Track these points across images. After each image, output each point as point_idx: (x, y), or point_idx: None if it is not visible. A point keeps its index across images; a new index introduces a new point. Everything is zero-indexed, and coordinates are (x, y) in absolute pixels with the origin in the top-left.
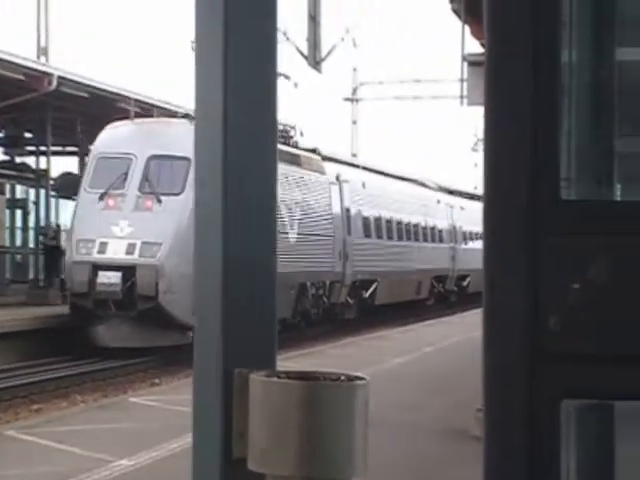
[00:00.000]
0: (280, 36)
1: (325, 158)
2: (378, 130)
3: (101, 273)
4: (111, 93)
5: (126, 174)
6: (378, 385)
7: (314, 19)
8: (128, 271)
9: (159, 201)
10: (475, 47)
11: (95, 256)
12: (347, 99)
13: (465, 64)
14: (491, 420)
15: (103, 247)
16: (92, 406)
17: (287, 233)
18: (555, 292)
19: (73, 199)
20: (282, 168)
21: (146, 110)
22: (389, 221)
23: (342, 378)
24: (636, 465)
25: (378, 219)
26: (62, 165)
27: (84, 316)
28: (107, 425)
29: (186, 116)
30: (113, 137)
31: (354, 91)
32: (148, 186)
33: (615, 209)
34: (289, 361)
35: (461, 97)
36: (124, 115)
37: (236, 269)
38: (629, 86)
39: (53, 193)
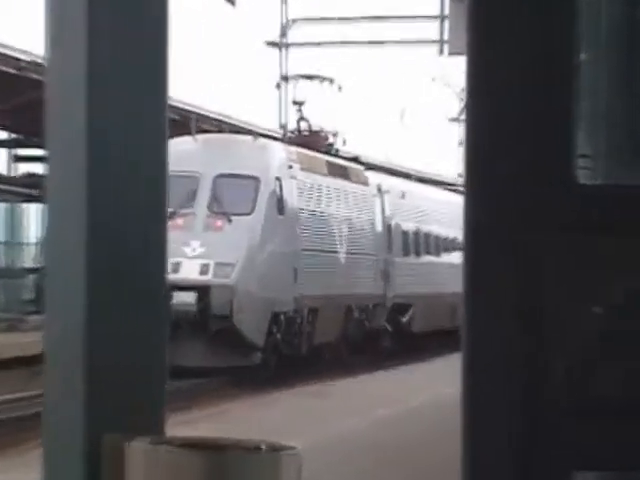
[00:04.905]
0: None
1: (368, 167)
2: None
3: (175, 293)
4: None
5: (194, 193)
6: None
7: None
8: (202, 291)
9: (229, 221)
10: None
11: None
12: (271, 43)
13: None
14: None
15: (176, 267)
16: None
17: (337, 252)
18: (564, 322)
19: None
20: (334, 183)
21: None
22: (427, 235)
23: (262, 447)
24: None
25: (416, 234)
26: None
27: None
28: None
29: (250, 133)
30: (175, 154)
31: (282, 32)
32: (217, 206)
33: None
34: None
35: (440, 42)
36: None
37: (104, 289)
38: None
39: None
